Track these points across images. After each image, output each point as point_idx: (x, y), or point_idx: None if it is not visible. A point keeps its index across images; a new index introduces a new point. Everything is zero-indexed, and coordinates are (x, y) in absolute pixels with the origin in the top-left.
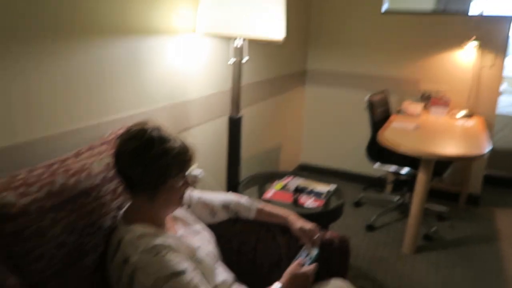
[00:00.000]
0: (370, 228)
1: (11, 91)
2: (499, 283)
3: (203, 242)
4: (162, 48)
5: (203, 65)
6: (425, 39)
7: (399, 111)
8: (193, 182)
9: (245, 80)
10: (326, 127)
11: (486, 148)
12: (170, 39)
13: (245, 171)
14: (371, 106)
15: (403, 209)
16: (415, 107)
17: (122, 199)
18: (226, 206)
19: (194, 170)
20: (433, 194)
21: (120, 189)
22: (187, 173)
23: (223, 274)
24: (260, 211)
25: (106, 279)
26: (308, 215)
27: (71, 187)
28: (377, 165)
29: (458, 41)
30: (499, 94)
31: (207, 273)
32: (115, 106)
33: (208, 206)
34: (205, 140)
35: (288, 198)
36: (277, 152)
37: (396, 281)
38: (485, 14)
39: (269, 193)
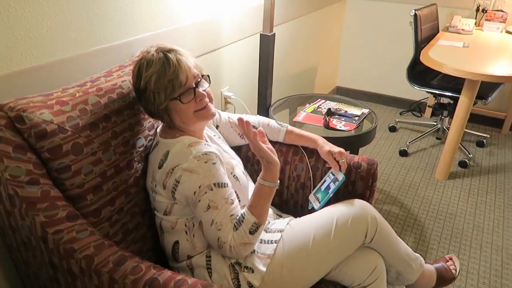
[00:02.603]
0: (403, 153)
1: (42, 11)
2: None
3: (235, 162)
4: None
5: None
6: None
7: (448, 28)
8: (203, 95)
9: None
10: (366, 47)
11: None
12: None
13: (278, 94)
14: (417, 21)
15: (441, 135)
16: (467, 23)
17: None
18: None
19: (225, 91)
20: (475, 119)
21: None
22: (185, 87)
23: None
24: (289, 133)
25: (142, 193)
26: (338, 138)
27: (104, 106)
28: (417, 88)
29: None
30: None
31: (242, 190)
32: (143, 24)
33: (237, 127)
34: (236, 60)
35: (319, 121)
36: (313, 74)
37: (424, 206)
38: None
39: (300, 116)
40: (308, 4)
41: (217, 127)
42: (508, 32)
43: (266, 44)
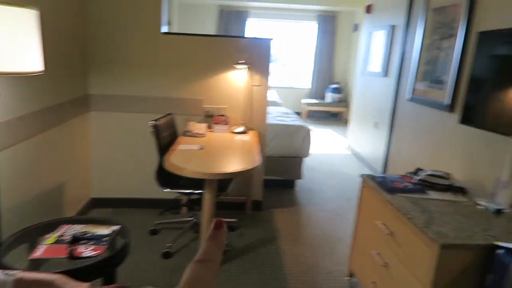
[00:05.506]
0: (167, 255)
1: None
2: (282, 277)
3: None
4: None
5: None
6: (205, 61)
7: (185, 132)
8: None
9: (2, 116)
10: (115, 155)
11: (259, 160)
12: None
13: (13, 227)
14: (157, 130)
15: (197, 228)
16: (200, 127)
17: None
18: None
19: None
20: (223, 207)
21: None
22: None
23: None
24: (18, 283)
25: None
26: (88, 267)
27: None
28: (168, 190)
29: (232, 62)
30: (267, 109)
31: None
32: None
33: None
34: None
35: (62, 252)
36: (60, 192)
37: None
38: (252, 37)
39: (39, 251)
40: (44, 122)
41: None
42: (232, 132)
43: None
